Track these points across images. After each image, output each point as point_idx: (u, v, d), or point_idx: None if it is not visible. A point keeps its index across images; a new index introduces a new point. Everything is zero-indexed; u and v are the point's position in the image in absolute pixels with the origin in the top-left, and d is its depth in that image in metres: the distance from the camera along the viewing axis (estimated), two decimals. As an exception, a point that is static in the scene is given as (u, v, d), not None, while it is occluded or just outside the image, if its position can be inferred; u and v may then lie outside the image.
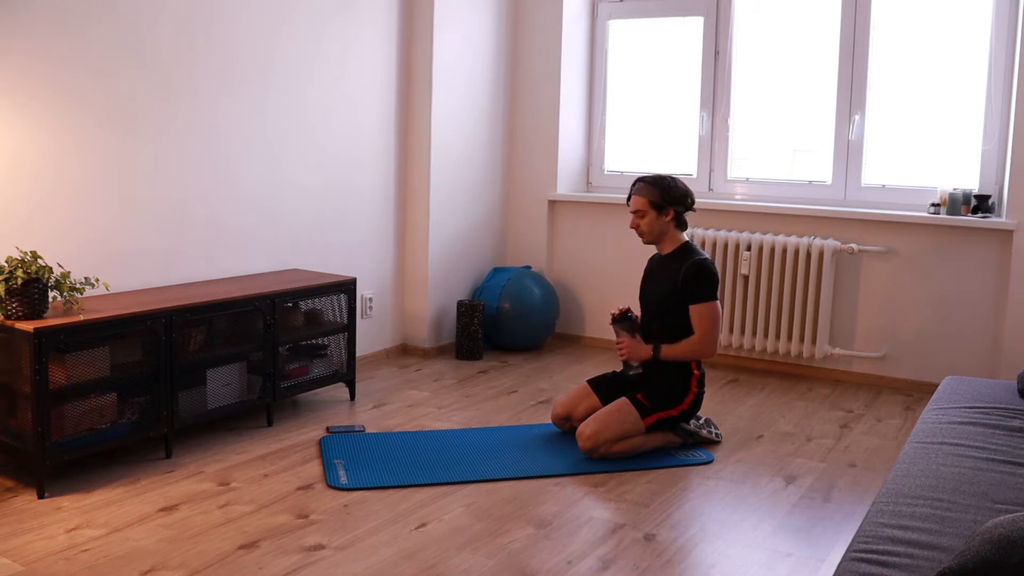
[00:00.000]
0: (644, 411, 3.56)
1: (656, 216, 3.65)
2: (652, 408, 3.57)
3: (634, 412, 3.54)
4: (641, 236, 3.72)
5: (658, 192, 3.65)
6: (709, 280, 3.61)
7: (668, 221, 3.67)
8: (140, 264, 3.74)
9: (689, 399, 3.64)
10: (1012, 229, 4.30)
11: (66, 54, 3.41)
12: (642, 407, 3.56)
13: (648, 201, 3.65)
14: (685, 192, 3.69)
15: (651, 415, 3.56)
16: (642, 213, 3.67)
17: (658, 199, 3.64)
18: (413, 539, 2.83)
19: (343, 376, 4.22)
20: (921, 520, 1.98)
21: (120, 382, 3.30)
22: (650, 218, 3.66)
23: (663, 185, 3.66)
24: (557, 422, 3.82)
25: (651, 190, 3.65)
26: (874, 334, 4.71)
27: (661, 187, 3.65)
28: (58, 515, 2.93)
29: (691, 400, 3.65)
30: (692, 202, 3.71)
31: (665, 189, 3.65)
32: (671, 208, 3.65)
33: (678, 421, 3.64)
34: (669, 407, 3.60)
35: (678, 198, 3.66)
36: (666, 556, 2.75)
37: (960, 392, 3.00)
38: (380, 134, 4.87)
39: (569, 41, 5.37)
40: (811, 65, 4.96)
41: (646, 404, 3.57)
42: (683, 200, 3.67)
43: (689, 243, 3.72)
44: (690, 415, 3.66)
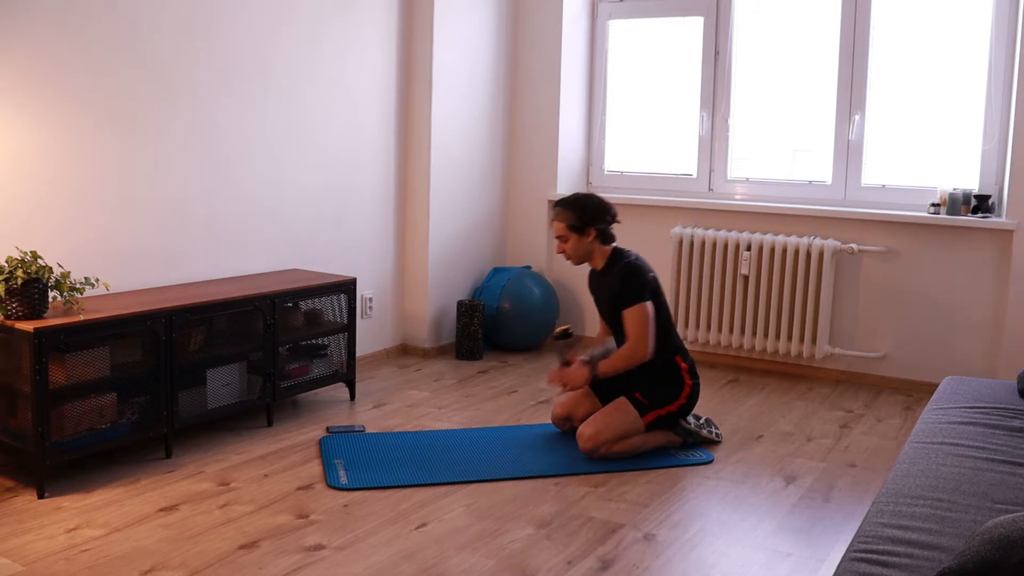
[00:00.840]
0: (643, 409, 3.56)
1: (578, 238, 3.64)
2: (650, 406, 3.57)
3: (633, 411, 3.54)
4: (568, 259, 3.71)
5: (575, 215, 3.63)
6: (633, 282, 3.58)
7: (591, 241, 3.65)
8: (140, 264, 3.74)
9: (685, 392, 3.64)
10: (1012, 229, 4.30)
11: (66, 54, 3.41)
12: (640, 405, 3.56)
13: (567, 225, 3.64)
14: (602, 209, 3.66)
15: (649, 412, 3.56)
16: (564, 237, 3.66)
17: (576, 222, 3.63)
18: (413, 539, 2.83)
19: (343, 376, 4.22)
20: (921, 520, 1.98)
21: (120, 382, 3.30)
22: (573, 241, 3.65)
23: (579, 207, 3.64)
24: (557, 423, 3.82)
25: (568, 214, 3.64)
26: (874, 334, 4.71)
27: (577, 209, 3.63)
28: (58, 515, 2.93)
29: (687, 393, 3.64)
30: (612, 217, 3.68)
31: (581, 211, 3.63)
32: (592, 228, 3.63)
33: (677, 417, 3.64)
34: (667, 403, 3.60)
35: (596, 217, 3.63)
36: (666, 556, 2.75)
37: (960, 392, 3.00)
38: (380, 134, 4.87)
39: (569, 41, 5.37)
40: (811, 65, 4.96)
41: (644, 402, 3.57)
42: (601, 218, 3.65)
43: (617, 250, 3.70)
44: (689, 408, 3.66)
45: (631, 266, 3.61)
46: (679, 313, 5.05)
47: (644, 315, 3.56)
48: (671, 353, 3.67)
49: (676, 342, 3.73)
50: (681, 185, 5.29)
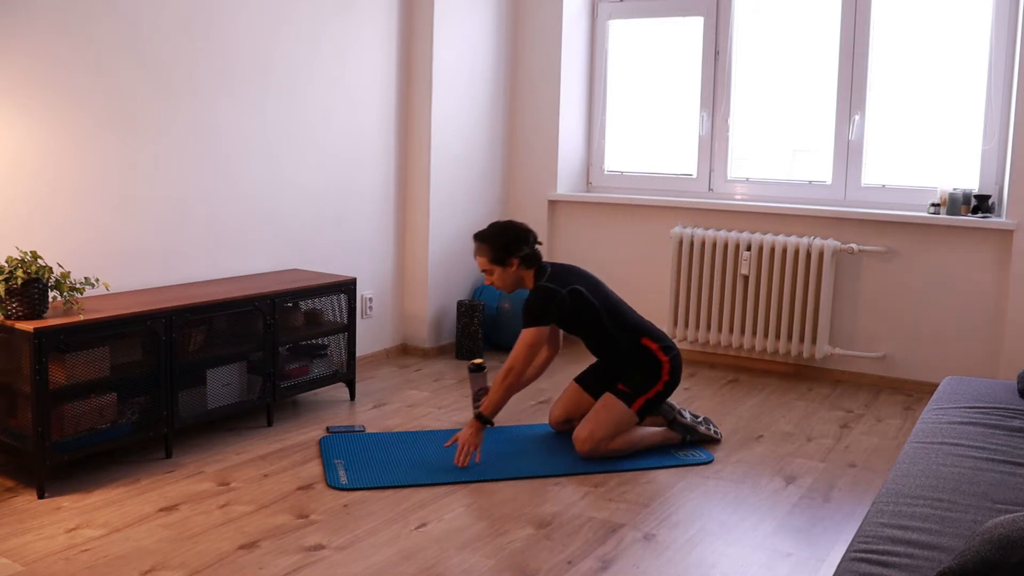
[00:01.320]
0: (629, 398, 3.56)
1: (502, 270, 3.60)
2: (635, 393, 3.57)
3: (620, 403, 3.54)
4: (499, 289, 3.68)
5: (492, 248, 3.59)
6: (533, 305, 3.54)
7: (515, 270, 3.61)
8: (140, 264, 3.74)
9: (665, 368, 3.61)
10: (1012, 229, 4.30)
11: (66, 54, 3.41)
12: (625, 395, 3.56)
13: (487, 259, 3.61)
14: (520, 237, 3.60)
15: (637, 399, 3.56)
16: (488, 271, 3.63)
17: (495, 255, 3.59)
18: (413, 539, 2.83)
19: (343, 376, 4.22)
20: (921, 520, 1.98)
21: (120, 382, 3.30)
22: (497, 273, 3.62)
23: (495, 240, 3.60)
24: (556, 425, 3.82)
25: (486, 248, 3.61)
26: (874, 334, 4.71)
27: (493, 242, 3.59)
28: (58, 515, 2.93)
29: (668, 369, 3.62)
30: (534, 240, 3.62)
31: (498, 243, 3.59)
32: (512, 258, 3.59)
33: (665, 396, 3.63)
34: (651, 385, 3.59)
35: (515, 246, 3.59)
36: (666, 556, 2.75)
37: (960, 392, 3.00)
38: (380, 134, 4.87)
39: (569, 41, 5.37)
40: (811, 65, 4.96)
41: (628, 391, 3.56)
42: (520, 247, 3.59)
43: (541, 270, 3.63)
44: (673, 384, 3.64)
45: (539, 289, 3.56)
46: (679, 313, 5.05)
47: (527, 339, 3.50)
48: (636, 338, 3.64)
49: (635, 325, 3.68)
50: (681, 185, 5.30)
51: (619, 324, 3.64)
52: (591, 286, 3.65)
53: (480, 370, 3.75)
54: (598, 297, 3.64)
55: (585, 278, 3.68)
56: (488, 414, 3.46)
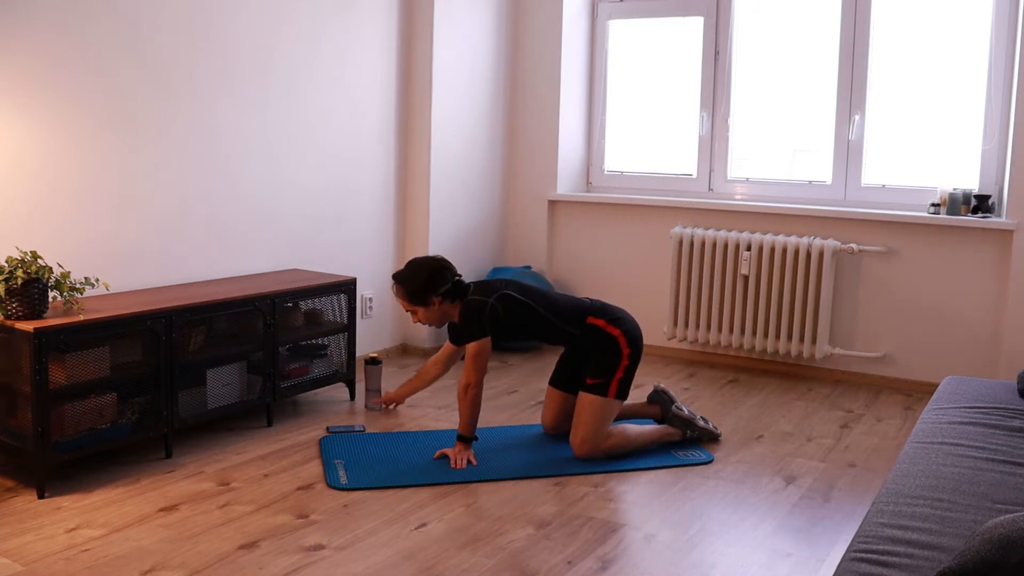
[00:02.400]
0: (602, 388, 3.53)
1: (425, 309, 3.58)
2: (606, 379, 3.53)
3: (596, 397, 3.52)
4: (430, 325, 3.67)
5: (409, 290, 3.56)
6: (466, 321, 3.50)
7: (438, 307, 3.57)
8: (140, 264, 3.74)
9: (622, 341, 3.55)
10: (1012, 229, 4.30)
11: (66, 54, 3.41)
12: (598, 386, 3.53)
13: (407, 301, 3.59)
14: (435, 274, 3.54)
15: (609, 386, 3.53)
16: (412, 312, 3.61)
17: (413, 297, 3.57)
18: (413, 539, 2.83)
19: (343, 376, 4.22)
20: (921, 520, 1.98)
21: (120, 382, 3.30)
22: (421, 312, 3.59)
23: (410, 283, 3.56)
24: (550, 432, 3.81)
25: (403, 290, 3.58)
26: (874, 334, 4.71)
27: (409, 285, 3.56)
28: (58, 515, 2.93)
29: (624, 341, 3.55)
30: (451, 275, 3.57)
31: (413, 285, 3.55)
32: (431, 297, 3.55)
33: (634, 369, 3.57)
34: (615, 365, 3.55)
35: (432, 286, 3.53)
36: (666, 556, 2.75)
37: (960, 392, 3.00)
38: (380, 134, 4.87)
39: (569, 41, 5.37)
40: (811, 65, 4.96)
41: (598, 381, 3.53)
42: (438, 285, 3.54)
43: (464, 293, 3.59)
44: (637, 356, 3.58)
45: (466, 306, 3.52)
46: (679, 313, 5.05)
47: (475, 350, 3.48)
48: (581, 319, 3.60)
49: (575, 308, 3.63)
50: (681, 185, 5.30)
51: (559, 312, 3.60)
52: (519, 288, 3.61)
53: (376, 363, 4.05)
54: (529, 295, 3.60)
55: (512, 283, 3.64)
56: (468, 433, 3.49)
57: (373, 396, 4.10)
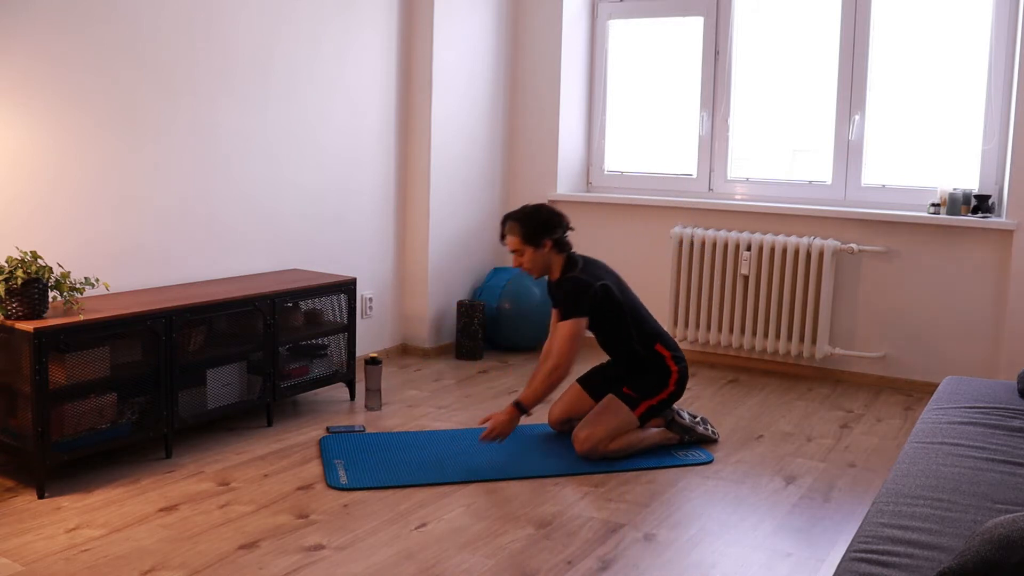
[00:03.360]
0: (632, 402, 3.56)
1: (534, 251, 3.59)
2: (640, 397, 3.57)
3: (623, 406, 3.54)
4: (528, 273, 3.67)
5: (526, 228, 3.57)
6: (569, 296, 3.53)
7: (547, 252, 3.60)
8: (140, 264, 3.74)
9: (673, 378, 3.62)
10: (1012, 229, 4.30)
11: (66, 54, 3.41)
12: (630, 399, 3.56)
13: (520, 239, 3.59)
14: (554, 219, 3.60)
15: (640, 404, 3.56)
16: (520, 251, 3.61)
17: (529, 234, 3.57)
18: (413, 539, 2.83)
19: (343, 376, 4.22)
20: (921, 520, 1.98)
21: (120, 382, 3.30)
22: (528, 254, 3.60)
23: (529, 220, 3.58)
24: (555, 426, 3.82)
25: (520, 227, 3.59)
26: (874, 334, 4.71)
27: (528, 222, 3.58)
28: (58, 515, 2.93)
29: (675, 379, 3.62)
30: (565, 226, 3.62)
31: (532, 223, 3.57)
32: (545, 239, 3.58)
33: (668, 404, 3.63)
34: (656, 392, 3.59)
35: (549, 228, 3.58)
36: (666, 556, 2.75)
37: (960, 392, 3.00)
38: (380, 134, 4.87)
39: (569, 41, 5.37)
40: (811, 65, 4.96)
41: (633, 395, 3.57)
42: (555, 228, 3.59)
43: (571, 259, 3.64)
44: (678, 394, 3.65)
45: (573, 281, 3.55)
46: (679, 313, 5.05)
47: (572, 330, 3.49)
48: (650, 342, 3.65)
49: (653, 331, 3.69)
50: (681, 185, 5.29)
51: (639, 326, 3.65)
52: (618, 284, 3.66)
53: (376, 363, 4.04)
54: (624, 296, 3.65)
55: (613, 275, 3.70)
56: (527, 405, 3.47)
57: (373, 396, 4.10)
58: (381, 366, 4.12)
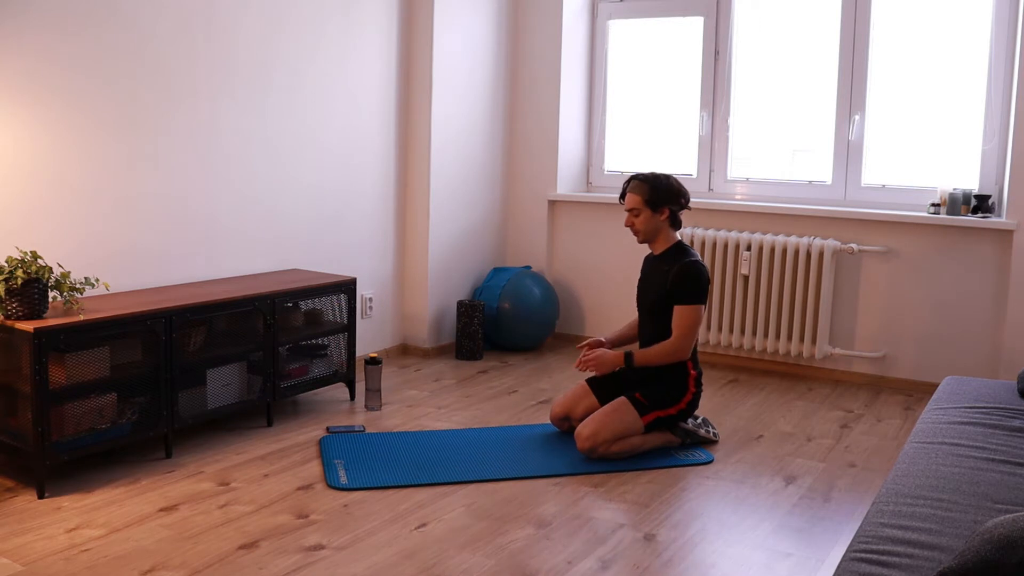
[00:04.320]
0: (642, 409, 3.55)
1: (651, 214, 3.62)
2: (650, 406, 3.57)
3: (633, 411, 3.54)
4: (636, 235, 3.69)
5: (653, 190, 3.61)
6: (696, 283, 3.58)
7: (663, 220, 3.64)
8: (140, 264, 3.74)
9: (687, 398, 3.64)
10: (1012, 229, 4.30)
11: (67, 55, 3.41)
12: (640, 405, 3.55)
13: (643, 199, 3.62)
14: (680, 190, 3.66)
15: (649, 413, 3.56)
16: (637, 211, 3.63)
17: (653, 197, 3.61)
18: (413, 539, 2.83)
19: (343, 376, 4.22)
20: (921, 520, 1.98)
21: (120, 382, 3.30)
22: (645, 216, 3.63)
23: (657, 183, 3.62)
24: (556, 422, 3.82)
25: (645, 188, 3.62)
26: (874, 334, 4.71)
27: (655, 185, 3.62)
28: (58, 515, 2.93)
29: (689, 399, 3.64)
30: (687, 201, 3.68)
31: (659, 187, 3.61)
32: (666, 207, 3.62)
33: (676, 420, 3.64)
34: (667, 406, 3.60)
35: (673, 196, 3.62)
36: (666, 556, 2.75)
37: (960, 392, 3.00)
38: (380, 134, 4.87)
39: (569, 41, 5.37)
40: (811, 65, 4.96)
41: (644, 402, 3.56)
42: (677, 199, 3.64)
43: (682, 243, 3.70)
44: (688, 414, 3.66)
45: (696, 266, 3.59)
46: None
47: (696, 318, 3.57)
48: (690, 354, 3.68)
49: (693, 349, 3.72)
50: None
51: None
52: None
53: (377, 363, 4.08)
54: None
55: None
56: (636, 363, 3.59)
57: (373, 396, 4.10)
58: (381, 366, 4.13)
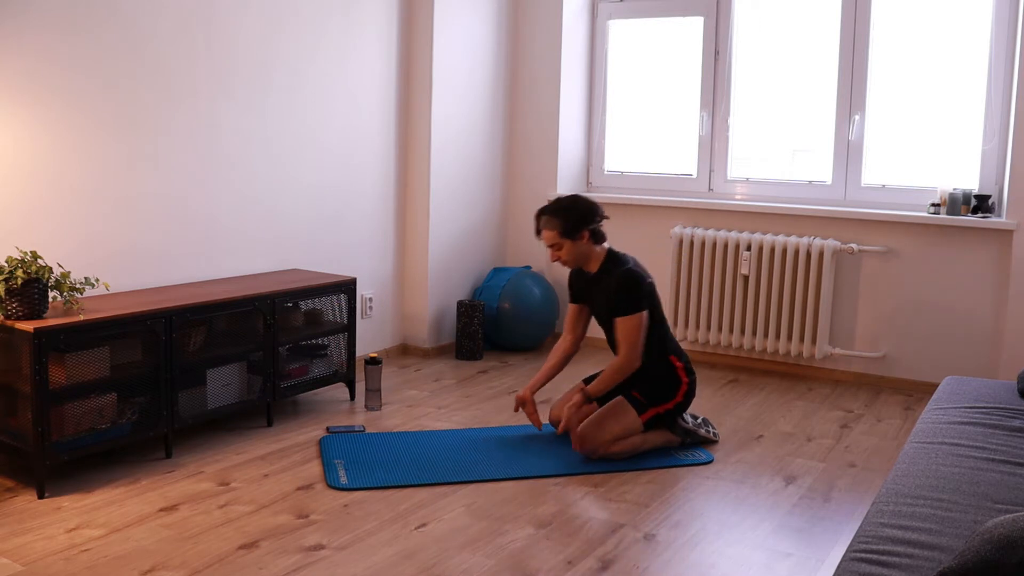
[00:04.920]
0: (640, 407, 3.55)
1: (572, 243, 3.57)
2: (648, 403, 3.57)
3: (631, 410, 3.54)
4: (565, 264, 3.65)
5: (565, 220, 3.55)
6: (630, 292, 3.54)
7: (585, 243, 3.59)
8: (140, 264, 3.74)
9: (682, 390, 3.63)
10: (1012, 229, 4.30)
11: (67, 55, 3.41)
12: (638, 403, 3.56)
13: (558, 233, 3.56)
14: (591, 208, 3.59)
15: (647, 411, 3.56)
16: (558, 245, 3.58)
17: (567, 226, 3.55)
18: (413, 539, 2.83)
19: (343, 376, 4.22)
20: (921, 520, 1.98)
21: (120, 382, 3.30)
22: (567, 247, 3.58)
23: (567, 212, 3.55)
24: (555, 425, 3.82)
25: (557, 221, 3.56)
26: (874, 334, 4.71)
27: (566, 214, 3.55)
28: (58, 515, 2.93)
29: (684, 391, 3.63)
30: (602, 214, 3.61)
31: (570, 215, 3.55)
32: (583, 229, 3.55)
33: (675, 415, 3.64)
34: (664, 401, 3.60)
35: (587, 217, 3.56)
36: (666, 556, 2.75)
37: (960, 392, 3.00)
38: (380, 134, 4.87)
39: (569, 41, 5.37)
40: (811, 65, 4.96)
41: (642, 400, 3.56)
42: (592, 217, 3.57)
43: (612, 253, 3.66)
44: (685, 405, 3.66)
45: (631, 274, 3.57)
46: (679, 313, 5.05)
47: (638, 325, 3.54)
48: (666, 353, 3.67)
49: (671, 340, 3.73)
50: (681, 185, 5.30)
51: (660, 333, 3.66)
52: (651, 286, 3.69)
53: (377, 363, 4.09)
54: (655, 302, 3.67)
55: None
56: (594, 395, 3.57)
57: (373, 396, 4.10)
58: (381, 366, 4.13)
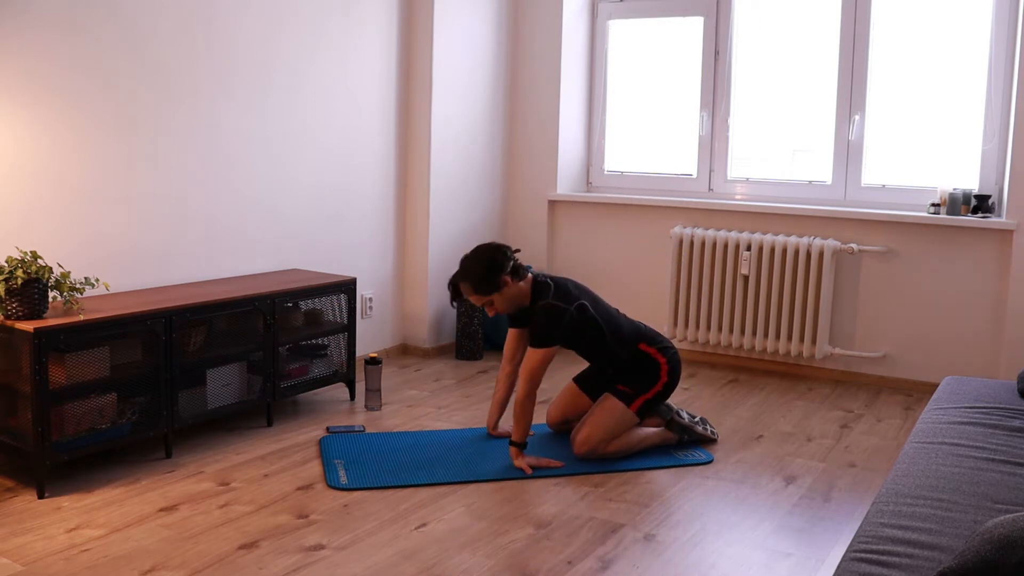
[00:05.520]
0: (628, 398, 3.55)
1: (499, 294, 3.47)
2: (635, 393, 3.56)
3: (620, 404, 3.53)
4: (507, 313, 3.58)
5: (478, 282, 3.45)
6: (544, 325, 3.43)
7: (510, 287, 3.47)
8: (140, 264, 3.74)
9: (664, 370, 3.60)
10: (1012, 229, 4.30)
11: (67, 55, 3.41)
12: (625, 395, 3.55)
13: (479, 294, 3.47)
14: (495, 254, 3.46)
15: (636, 399, 3.55)
16: (487, 303, 3.50)
17: (482, 285, 3.45)
18: (413, 539, 2.83)
19: (343, 376, 4.22)
20: (921, 520, 1.98)
21: (120, 382, 3.30)
22: (497, 300, 3.48)
23: (476, 273, 3.45)
24: (553, 426, 3.82)
25: (470, 285, 3.47)
26: (874, 334, 4.71)
27: (475, 276, 3.45)
28: (58, 515, 2.93)
29: (667, 370, 3.60)
30: (510, 254, 3.48)
31: (480, 274, 3.43)
32: (499, 278, 3.44)
33: (665, 396, 3.62)
34: (651, 386, 3.58)
35: (497, 268, 3.43)
36: (666, 556, 2.75)
37: (960, 392, 3.00)
38: (380, 134, 4.87)
39: (569, 41, 5.37)
40: (811, 65, 4.96)
41: (628, 391, 3.56)
42: (503, 264, 3.44)
43: (537, 282, 3.54)
44: (673, 384, 3.63)
45: (548, 309, 3.43)
46: (679, 313, 5.05)
47: (537, 360, 3.42)
48: (632, 345, 3.61)
49: (632, 333, 3.63)
50: (681, 185, 5.29)
51: (618, 337, 3.60)
52: (592, 300, 3.58)
53: (376, 363, 4.08)
54: (599, 312, 3.57)
55: (586, 292, 3.61)
56: (521, 440, 3.45)
57: (373, 396, 4.10)
58: (381, 366, 4.13)
